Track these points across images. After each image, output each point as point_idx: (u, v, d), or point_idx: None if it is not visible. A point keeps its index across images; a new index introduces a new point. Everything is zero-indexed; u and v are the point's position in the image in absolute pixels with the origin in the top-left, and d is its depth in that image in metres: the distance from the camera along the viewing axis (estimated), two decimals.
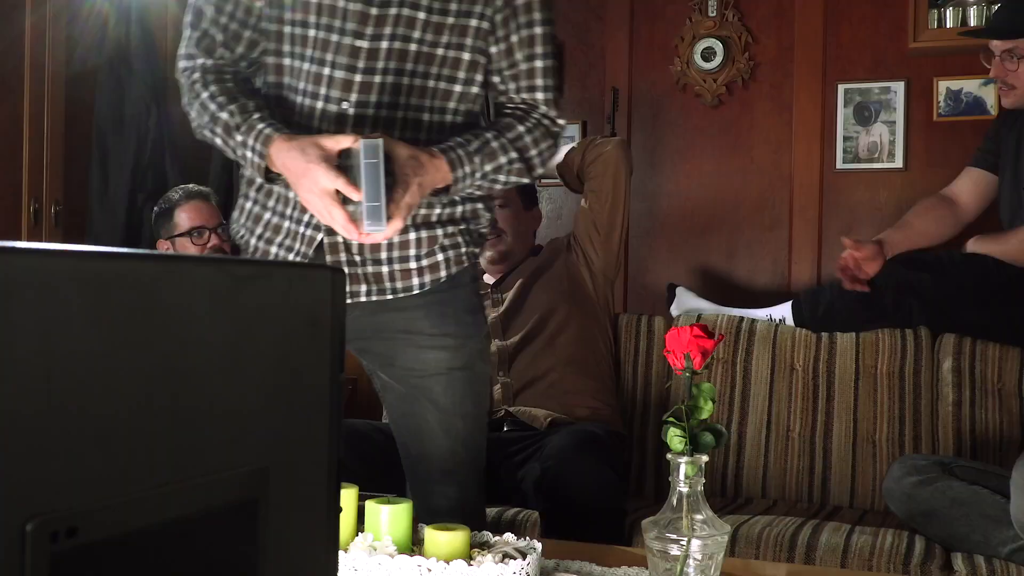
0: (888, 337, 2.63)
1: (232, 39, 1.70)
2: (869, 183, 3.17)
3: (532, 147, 1.71)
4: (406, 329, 1.72)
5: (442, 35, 1.65)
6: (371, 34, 1.62)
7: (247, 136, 1.60)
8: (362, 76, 1.63)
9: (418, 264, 1.71)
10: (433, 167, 1.57)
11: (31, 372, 0.49)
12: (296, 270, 0.69)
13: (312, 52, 1.65)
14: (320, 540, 0.71)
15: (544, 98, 1.72)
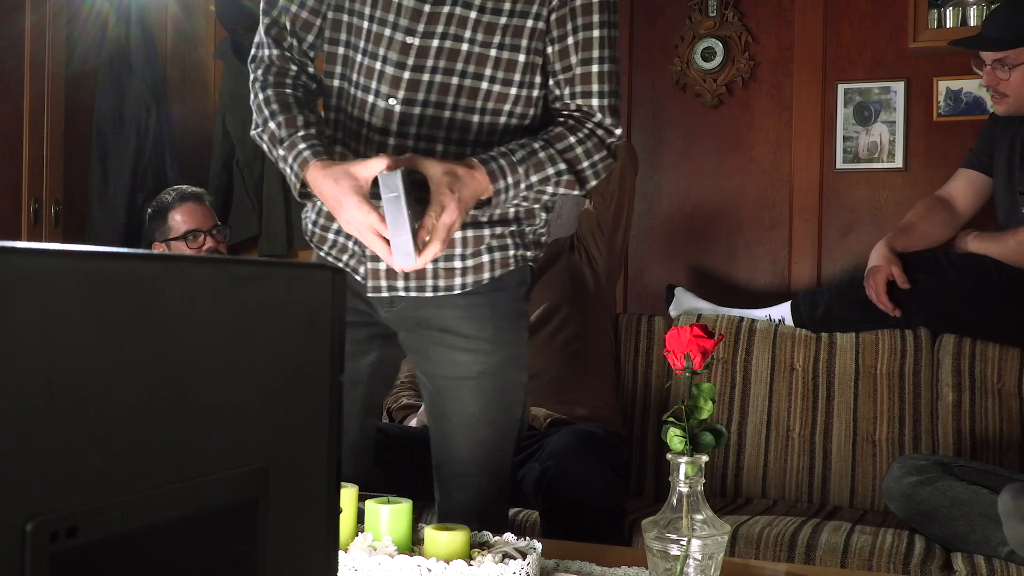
0: (888, 337, 2.63)
1: (303, 28, 1.70)
2: (869, 183, 3.17)
3: (584, 159, 1.64)
4: (443, 327, 1.70)
5: (494, 35, 1.61)
6: (422, 31, 1.60)
7: (288, 153, 1.61)
8: (411, 73, 1.61)
9: (463, 264, 1.68)
10: (471, 179, 1.53)
11: (31, 372, 0.49)
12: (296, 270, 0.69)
13: (366, 45, 1.64)
14: (320, 540, 0.71)
15: (600, 105, 1.65)
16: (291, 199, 3.72)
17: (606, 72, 1.64)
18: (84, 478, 0.52)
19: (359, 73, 1.65)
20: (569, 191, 1.66)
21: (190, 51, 3.88)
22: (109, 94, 3.58)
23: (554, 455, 2.22)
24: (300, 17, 1.69)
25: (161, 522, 0.56)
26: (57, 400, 0.50)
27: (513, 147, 1.60)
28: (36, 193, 3.30)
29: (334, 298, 0.70)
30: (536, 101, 1.68)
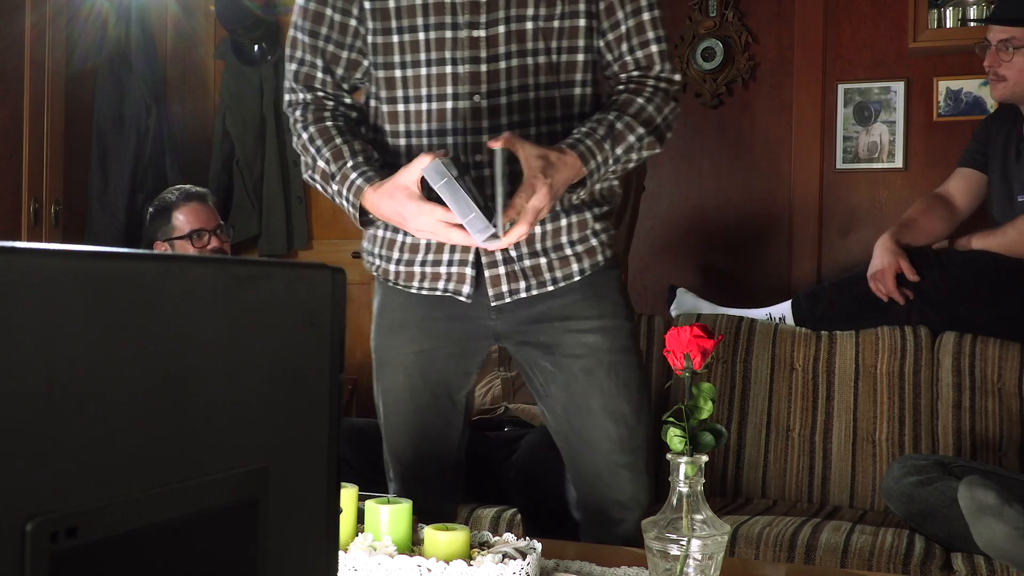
0: (888, 336, 2.63)
1: (331, 62, 1.69)
2: (869, 183, 3.17)
3: (657, 115, 1.64)
4: (564, 315, 1.69)
5: (555, 6, 1.61)
6: (486, 21, 1.60)
7: (341, 186, 1.61)
8: (487, 65, 1.60)
9: (573, 250, 1.68)
10: (564, 164, 1.53)
11: (31, 372, 0.49)
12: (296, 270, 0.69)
13: (428, 55, 1.62)
14: (320, 540, 0.71)
15: (658, 51, 1.65)
16: (291, 199, 3.72)
17: (657, 18, 1.65)
18: (84, 478, 0.52)
19: (428, 86, 1.64)
20: (652, 151, 1.66)
21: (190, 51, 3.88)
22: (109, 94, 3.58)
23: (526, 451, 2.22)
24: (328, 52, 1.68)
25: (161, 522, 0.56)
26: (57, 400, 0.50)
27: (592, 125, 1.60)
28: (36, 193, 3.30)
29: (334, 298, 0.70)
30: (598, 65, 1.68)
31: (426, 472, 1.81)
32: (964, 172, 2.76)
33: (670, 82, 1.67)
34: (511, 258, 1.67)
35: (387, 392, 1.81)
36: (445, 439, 1.81)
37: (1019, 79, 2.56)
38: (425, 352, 1.75)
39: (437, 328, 1.74)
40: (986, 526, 1.85)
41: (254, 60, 3.72)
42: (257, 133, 3.71)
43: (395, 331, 1.78)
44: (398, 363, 1.78)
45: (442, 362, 1.75)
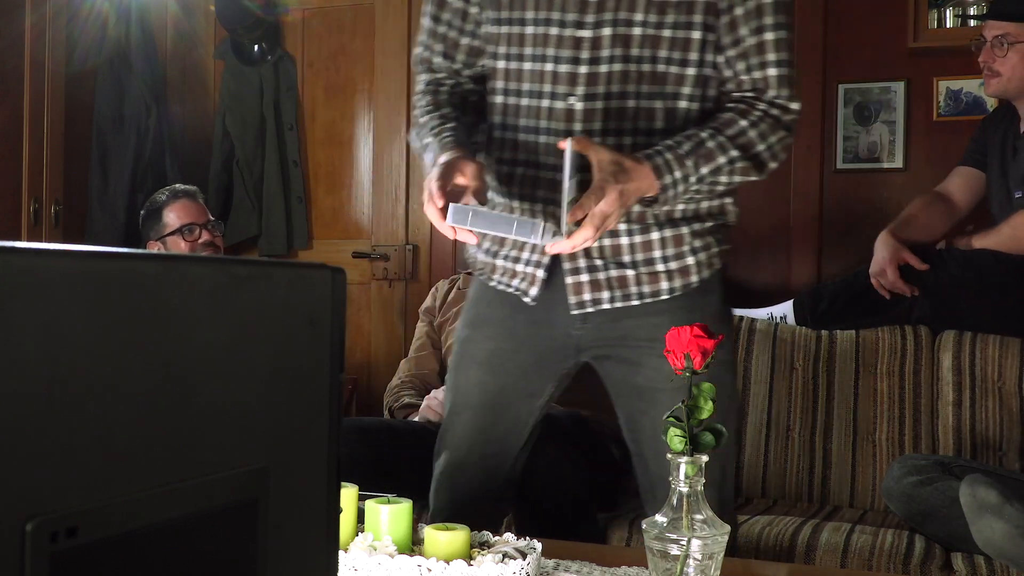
0: (888, 336, 2.63)
1: (451, 48, 1.69)
2: (869, 183, 3.17)
3: (759, 142, 1.54)
4: (651, 337, 1.57)
5: (666, 15, 1.54)
6: (592, 22, 1.54)
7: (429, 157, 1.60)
8: (587, 67, 1.55)
9: (665, 267, 1.61)
10: (639, 173, 1.46)
11: (31, 372, 0.49)
12: (296, 270, 0.69)
13: (531, 50, 1.60)
14: (320, 540, 0.71)
15: (776, 75, 1.55)
16: (291, 199, 3.72)
17: (783, 39, 1.55)
18: (84, 478, 0.52)
19: (529, 80, 1.60)
20: (746, 178, 1.57)
21: (190, 51, 3.88)
22: (109, 94, 3.58)
23: None
24: (448, 38, 1.69)
25: (161, 522, 0.56)
26: (57, 400, 0.50)
27: (679, 139, 1.52)
28: (36, 193, 3.30)
29: (334, 298, 0.70)
30: (712, 81, 1.59)
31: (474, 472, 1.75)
32: (962, 170, 2.78)
33: (784, 110, 1.57)
34: (596, 267, 1.61)
35: (458, 386, 1.77)
36: (504, 445, 1.74)
37: (1012, 75, 2.57)
38: (501, 351, 1.71)
39: (516, 330, 1.69)
40: (986, 524, 1.84)
41: (254, 60, 3.72)
42: (257, 133, 3.71)
43: (476, 326, 1.75)
44: (472, 358, 1.74)
45: (516, 366, 1.70)
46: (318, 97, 3.74)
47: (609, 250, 1.60)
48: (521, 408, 1.73)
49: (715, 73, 1.59)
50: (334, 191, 3.74)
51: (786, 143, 1.59)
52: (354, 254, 3.58)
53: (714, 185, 1.55)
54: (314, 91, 3.75)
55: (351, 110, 3.71)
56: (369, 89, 3.66)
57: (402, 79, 3.58)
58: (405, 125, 3.57)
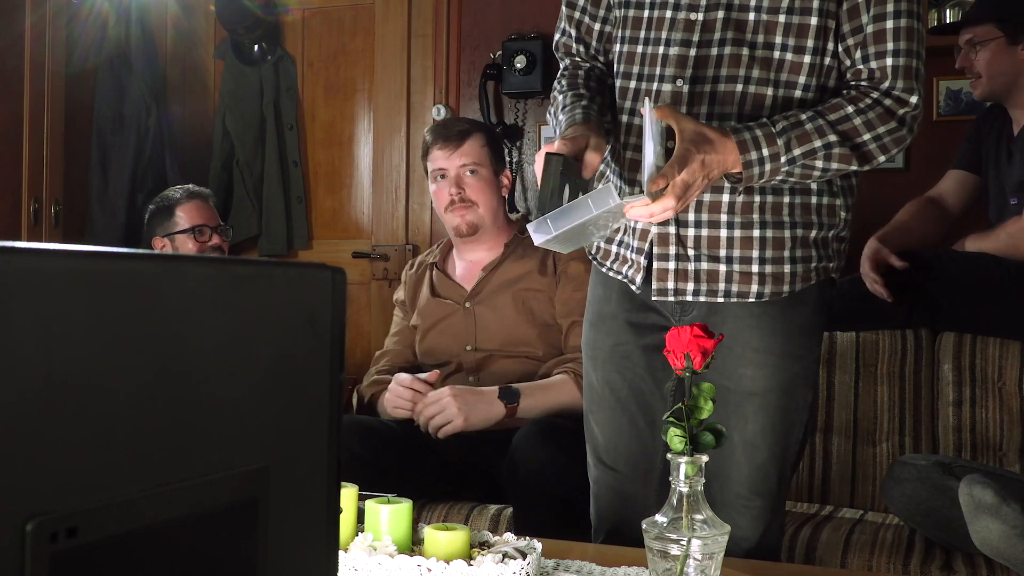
0: (888, 337, 2.63)
1: (586, 33, 1.72)
2: (869, 183, 3.16)
3: (864, 130, 1.48)
4: (731, 337, 1.55)
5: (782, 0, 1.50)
6: (706, 4, 1.54)
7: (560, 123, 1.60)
8: (697, 50, 1.54)
9: (760, 269, 1.57)
10: (722, 146, 1.41)
11: (31, 372, 0.49)
12: (296, 270, 0.69)
13: (647, 33, 1.60)
14: (320, 540, 0.71)
15: (893, 65, 1.48)
16: (291, 199, 3.72)
17: (902, 28, 1.48)
18: (84, 478, 0.52)
19: (641, 64, 1.60)
20: (845, 167, 1.50)
21: (190, 51, 3.88)
22: (109, 94, 3.58)
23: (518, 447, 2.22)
24: (583, 23, 1.72)
25: (161, 522, 0.56)
26: (57, 400, 0.50)
27: (776, 118, 1.47)
28: (36, 193, 3.30)
29: (334, 298, 0.70)
30: (830, 72, 1.54)
31: (627, 473, 1.72)
32: (955, 174, 2.78)
33: (900, 101, 1.49)
34: (686, 256, 1.58)
35: (591, 388, 1.76)
36: (650, 438, 1.71)
37: (989, 73, 2.61)
38: (621, 346, 1.70)
39: (631, 320, 1.69)
40: (983, 525, 1.84)
41: (254, 60, 3.72)
42: (257, 133, 3.71)
43: (596, 325, 1.75)
44: (598, 358, 1.73)
45: (638, 355, 1.69)
46: (318, 97, 3.74)
47: (706, 241, 1.57)
48: (658, 395, 1.71)
49: (834, 63, 1.54)
50: (334, 191, 3.74)
51: (898, 136, 1.51)
52: (354, 254, 3.58)
53: (808, 170, 1.49)
54: (314, 91, 3.75)
55: (351, 110, 3.71)
56: (369, 89, 3.66)
57: (402, 79, 3.58)
58: (405, 125, 3.57)
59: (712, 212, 1.58)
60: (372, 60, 3.64)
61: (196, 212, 2.89)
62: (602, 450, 1.74)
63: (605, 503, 1.75)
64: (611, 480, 1.74)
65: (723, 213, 1.57)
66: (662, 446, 1.73)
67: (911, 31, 1.49)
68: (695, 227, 1.59)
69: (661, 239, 1.59)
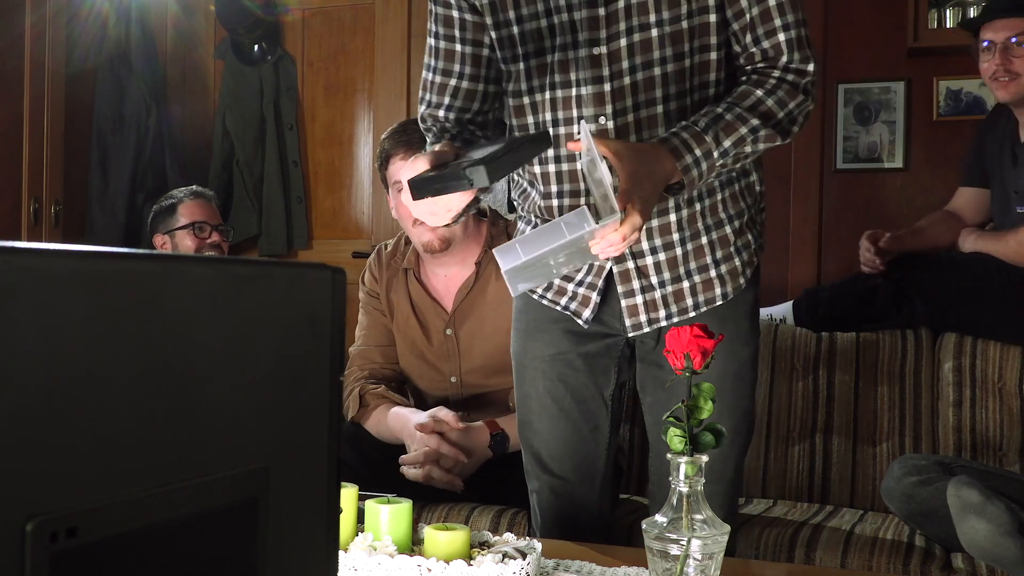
0: (888, 337, 2.63)
1: (467, 99, 1.61)
2: (869, 183, 3.17)
3: (778, 109, 1.49)
4: None
5: (680, 6, 1.49)
6: (606, 36, 1.50)
7: None
8: (611, 84, 1.51)
9: (718, 271, 1.60)
10: (658, 156, 1.40)
11: (31, 372, 0.49)
12: (296, 270, 0.69)
13: (554, 78, 1.55)
14: (320, 540, 0.71)
15: (786, 39, 1.49)
16: (291, 199, 3.72)
17: (784, 2, 1.49)
18: (84, 478, 0.52)
19: (554, 110, 1.56)
20: (771, 144, 1.51)
21: (190, 51, 3.88)
22: (109, 94, 3.58)
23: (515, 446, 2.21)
24: (460, 90, 1.61)
25: (161, 522, 0.56)
26: (57, 400, 0.50)
27: (695, 118, 1.47)
28: (36, 193, 3.30)
29: (334, 298, 0.70)
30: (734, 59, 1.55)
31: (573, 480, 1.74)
32: (965, 192, 2.74)
33: (800, 73, 1.50)
34: (650, 286, 1.60)
35: (528, 398, 1.75)
36: (593, 444, 1.74)
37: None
38: (562, 355, 1.70)
39: (569, 328, 1.69)
40: (969, 526, 1.84)
41: (254, 60, 3.72)
42: (257, 133, 3.71)
43: (531, 334, 1.73)
44: (537, 368, 1.72)
45: (580, 363, 1.70)
46: (318, 97, 3.74)
47: (666, 264, 1.59)
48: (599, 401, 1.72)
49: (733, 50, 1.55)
50: (334, 191, 3.74)
51: (806, 108, 1.53)
52: (354, 254, 3.58)
53: (740, 158, 1.50)
54: (314, 91, 3.75)
55: (351, 110, 3.71)
56: (369, 89, 3.66)
57: (402, 79, 3.58)
58: None
59: (664, 235, 1.59)
60: (372, 60, 3.64)
61: (197, 209, 2.92)
62: (547, 459, 1.75)
63: (551, 509, 1.76)
64: (558, 487, 1.75)
65: (674, 232, 1.59)
66: (605, 451, 1.75)
67: (793, 3, 1.50)
68: (651, 254, 1.60)
69: (622, 276, 1.60)
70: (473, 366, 2.38)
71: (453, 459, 2.18)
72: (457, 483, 2.20)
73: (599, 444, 1.74)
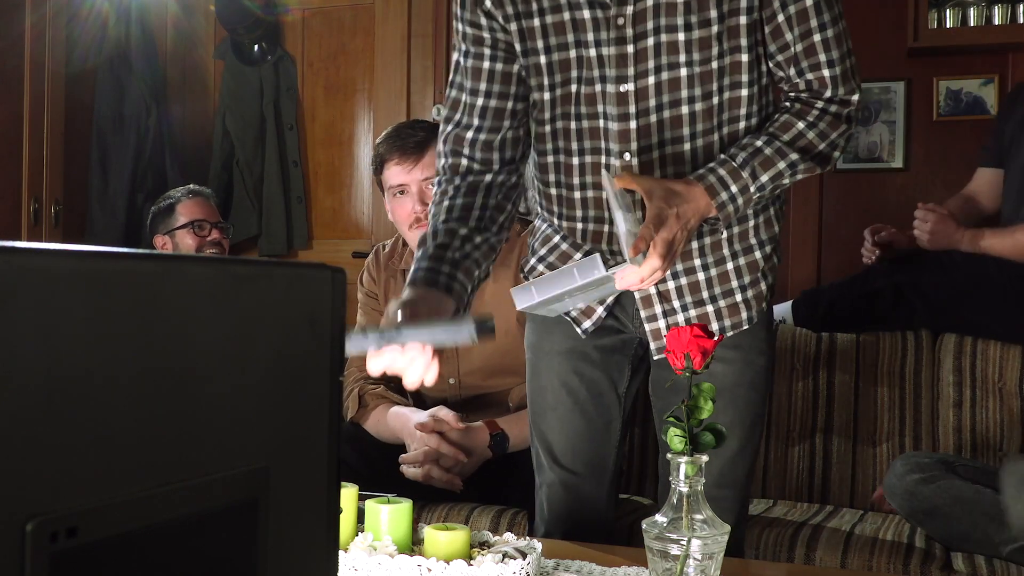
0: (888, 337, 2.63)
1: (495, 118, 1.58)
2: (869, 183, 3.17)
3: (819, 142, 1.48)
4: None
5: (711, 48, 1.46)
6: (634, 74, 1.48)
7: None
8: (637, 122, 1.49)
9: (743, 296, 1.59)
10: (691, 195, 1.41)
11: (31, 372, 0.49)
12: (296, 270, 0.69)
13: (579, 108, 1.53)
14: (320, 540, 0.71)
15: (831, 76, 1.47)
16: (291, 199, 3.72)
17: (831, 38, 1.48)
18: (84, 478, 0.52)
19: (580, 140, 1.54)
20: (811, 174, 1.52)
21: (190, 51, 3.88)
22: (109, 94, 3.58)
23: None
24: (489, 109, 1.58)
25: (161, 522, 0.56)
26: (57, 400, 0.50)
27: (733, 151, 1.47)
28: (36, 193, 3.30)
29: (334, 298, 0.70)
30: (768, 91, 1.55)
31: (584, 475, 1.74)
32: (984, 173, 2.74)
33: (843, 103, 1.50)
34: (672, 310, 1.59)
35: (543, 391, 1.75)
36: (606, 440, 1.74)
37: None
38: (578, 348, 1.69)
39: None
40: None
41: (254, 60, 3.72)
42: (257, 133, 3.71)
43: (548, 327, 1.72)
44: (552, 360, 1.71)
45: (596, 355, 1.69)
46: (318, 97, 3.74)
47: (687, 289, 1.58)
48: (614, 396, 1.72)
49: (769, 81, 1.54)
50: (334, 191, 3.74)
51: (848, 134, 1.52)
52: (354, 254, 3.58)
53: (777, 189, 1.50)
54: (314, 91, 3.75)
55: (351, 110, 3.71)
56: (369, 89, 3.66)
57: (402, 79, 3.58)
58: None
59: (685, 260, 1.58)
60: (372, 60, 3.64)
61: (196, 208, 2.92)
62: (558, 452, 1.75)
63: (560, 504, 1.76)
64: (569, 481, 1.75)
65: (696, 258, 1.58)
66: (615, 449, 1.75)
67: (839, 37, 1.49)
68: (673, 279, 1.59)
69: (644, 301, 1.60)
70: (472, 367, 2.38)
71: (453, 458, 2.18)
72: (457, 483, 2.20)
73: (611, 441, 1.74)
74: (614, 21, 1.47)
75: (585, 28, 1.49)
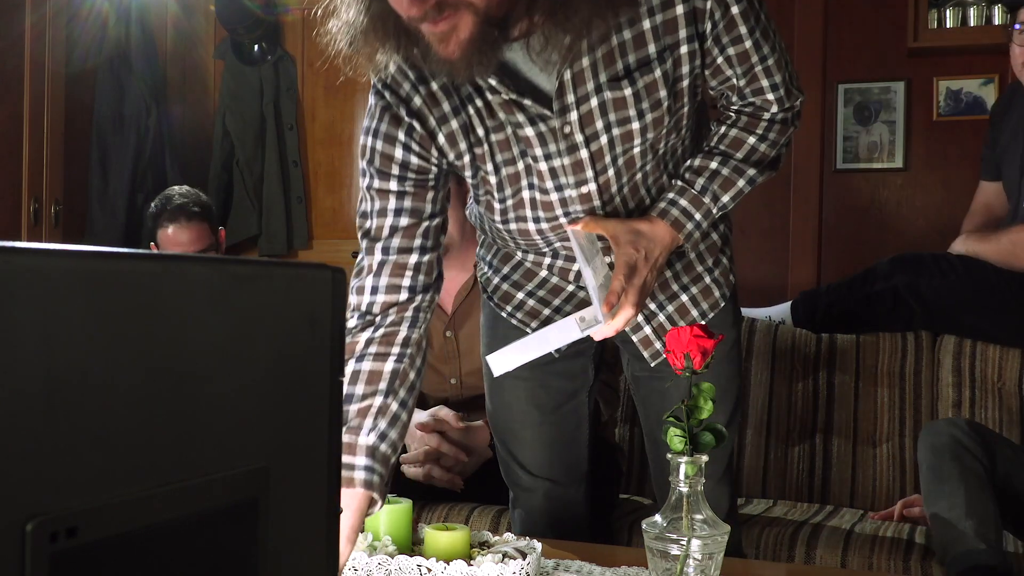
0: (888, 337, 2.63)
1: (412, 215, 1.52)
2: (869, 183, 3.17)
3: (771, 151, 1.51)
4: None
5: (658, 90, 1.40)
6: (583, 139, 1.41)
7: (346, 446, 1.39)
8: (594, 183, 1.44)
9: (712, 277, 1.62)
10: (656, 233, 1.43)
11: (31, 372, 0.49)
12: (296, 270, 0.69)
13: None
14: (320, 540, 0.71)
15: (776, 96, 1.47)
16: (291, 199, 3.72)
17: (771, 65, 1.44)
18: (84, 478, 0.52)
19: (538, 209, 1.49)
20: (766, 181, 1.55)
21: (190, 51, 3.88)
22: (109, 94, 3.58)
23: None
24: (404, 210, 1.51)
25: (161, 522, 0.56)
26: (57, 400, 0.50)
27: (689, 178, 1.47)
28: (36, 193, 3.31)
29: (334, 298, 0.70)
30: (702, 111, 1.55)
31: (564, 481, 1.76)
32: (988, 187, 2.72)
33: (788, 110, 1.50)
34: (651, 312, 1.61)
35: (507, 407, 1.75)
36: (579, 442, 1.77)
37: None
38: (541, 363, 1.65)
39: None
40: None
41: (254, 60, 3.72)
42: (257, 133, 3.72)
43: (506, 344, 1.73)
44: (517, 377, 1.68)
45: (561, 364, 1.70)
46: (318, 97, 3.74)
47: (659, 288, 1.59)
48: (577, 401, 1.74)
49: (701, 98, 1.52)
50: (334, 191, 3.74)
51: (791, 132, 1.55)
52: (354, 254, 3.56)
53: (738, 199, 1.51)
54: (314, 91, 3.75)
55: (351, 110, 3.71)
56: (369, 89, 3.66)
57: None
58: None
59: None
60: None
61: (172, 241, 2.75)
62: (534, 467, 1.76)
63: (546, 515, 1.77)
64: (547, 488, 1.77)
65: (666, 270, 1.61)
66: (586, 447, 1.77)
67: (779, 61, 1.45)
68: None
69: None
70: (473, 368, 2.39)
71: (453, 458, 2.19)
72: (457, 482, 2.20)
73: (582, 440, 1.77)
74: (560, 132, 1.39)
75: (531, 144, 1.41)
